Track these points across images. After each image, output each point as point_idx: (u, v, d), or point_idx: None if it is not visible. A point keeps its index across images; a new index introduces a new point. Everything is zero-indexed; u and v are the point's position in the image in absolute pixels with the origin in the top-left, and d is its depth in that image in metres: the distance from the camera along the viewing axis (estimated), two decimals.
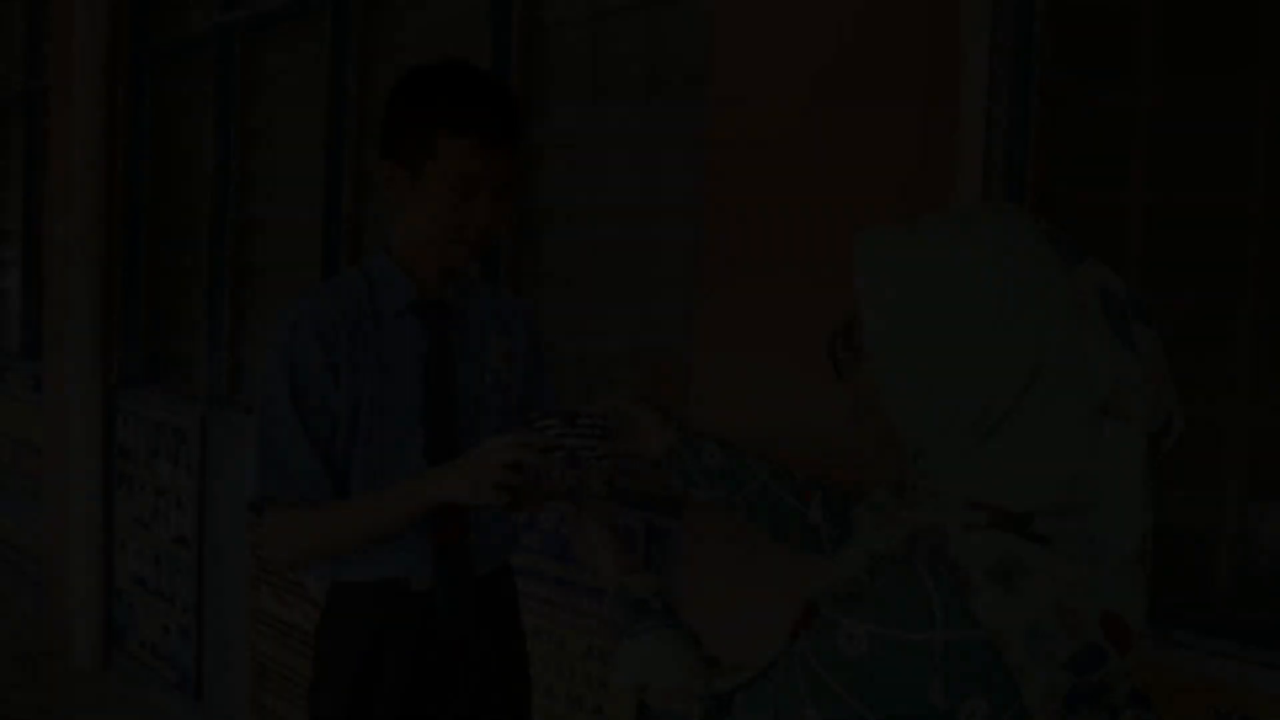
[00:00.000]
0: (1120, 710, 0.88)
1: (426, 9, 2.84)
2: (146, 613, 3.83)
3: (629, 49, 2.32)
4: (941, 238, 0.86)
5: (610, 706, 2.20)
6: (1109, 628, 0.83)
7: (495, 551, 1.56)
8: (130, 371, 4.04)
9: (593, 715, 2.23)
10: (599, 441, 1.25)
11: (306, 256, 3.21)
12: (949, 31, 1.64)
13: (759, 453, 1.29)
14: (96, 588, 3.95)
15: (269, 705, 3.19)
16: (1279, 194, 1.45)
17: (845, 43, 1.68)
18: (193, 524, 3.55)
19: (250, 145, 3.51)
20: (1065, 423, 0.82)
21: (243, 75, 3.51)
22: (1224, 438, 1.49)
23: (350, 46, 3.01)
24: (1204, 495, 1.50)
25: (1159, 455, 0.85)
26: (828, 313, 1.70)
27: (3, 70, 5.19)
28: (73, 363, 3.87)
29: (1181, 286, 1.53)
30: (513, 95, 1.44)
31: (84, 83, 3.79)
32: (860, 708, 0.79)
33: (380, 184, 1.46)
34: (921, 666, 0.77)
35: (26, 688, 3.80)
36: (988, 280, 0.82)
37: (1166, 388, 0.85)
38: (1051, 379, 0.81)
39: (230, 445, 3.42)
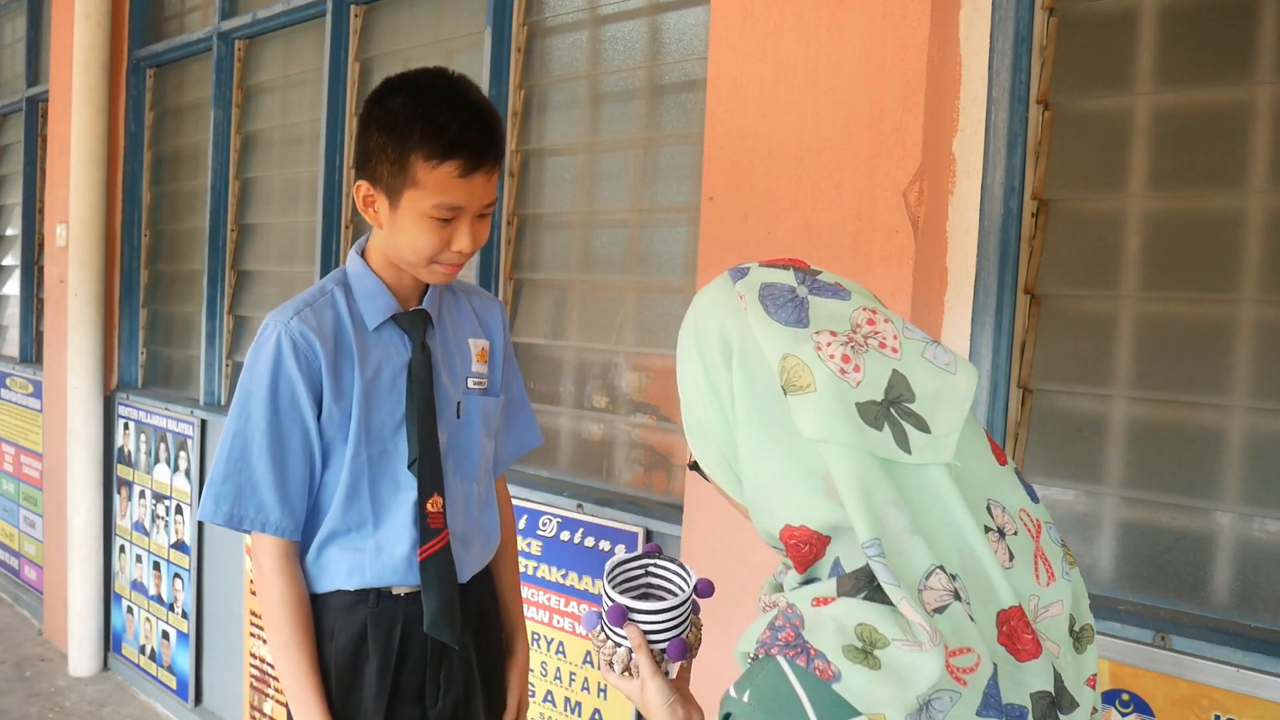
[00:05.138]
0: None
1: (424, 14, 2.84)
2: (145, 618, 3.83)
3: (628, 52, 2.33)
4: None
5: (608, 711, 2.20)
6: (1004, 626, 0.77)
7: (477, 559, 1.56)
8: (129, 377, 4.04)
9: None
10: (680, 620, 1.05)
11: (304, 263, 3.21)
12: (948, 39, 1.64)
13: None
14: (95, 593, 3.95)
15: (267, 711, 3.18)
16: (1278, 197, 1.45)
17: (845, 50, 1.68)
18: (191, 530, 3.56)
19: (248, 152, 3.51)
20: (772, 417, 0.80)
21: (240, 82, 3.51)
22: (1223, 443, 1.48)
23: (347, 52, 3.01)
24: (1203, 500, 1.50)
25: (899, 409, 0.78)
26: None
27: (3, 77, 5.20)
28: (72, 369, 3.87)
29: (1180, 290, 1.53)
30: (491, 109, 1.36)
31: (83, 90, 3.80)
32: None
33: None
34: None
35: (24, 693, 3.80)
36: (688, 327, 0.89)
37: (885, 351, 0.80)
38: (742, 381, 0.82)
39: None
